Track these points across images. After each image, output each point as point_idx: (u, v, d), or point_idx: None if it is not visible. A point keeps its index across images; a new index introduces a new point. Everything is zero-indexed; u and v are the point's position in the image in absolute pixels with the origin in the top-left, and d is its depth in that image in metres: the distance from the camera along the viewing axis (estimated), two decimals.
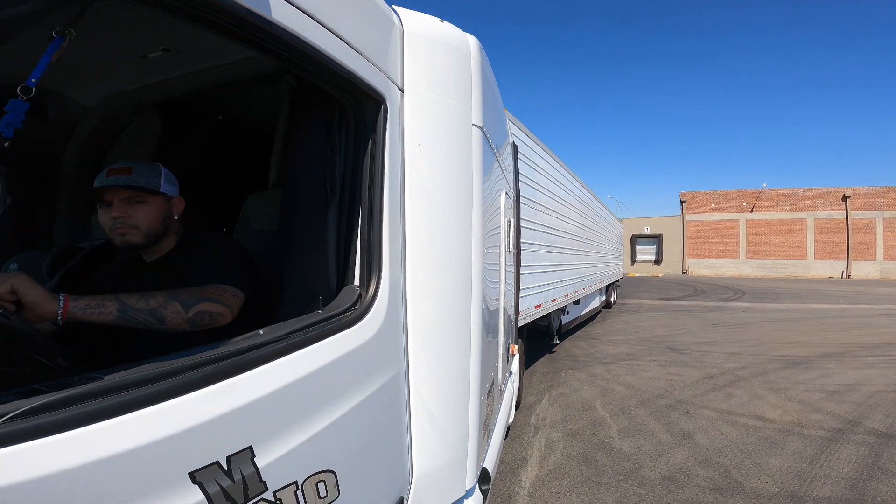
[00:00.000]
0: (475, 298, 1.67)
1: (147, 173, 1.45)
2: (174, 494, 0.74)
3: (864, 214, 31.08)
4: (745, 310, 13.09)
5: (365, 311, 1.28)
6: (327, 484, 1.05)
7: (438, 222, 1.57)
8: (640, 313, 12.06)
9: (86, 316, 1.08)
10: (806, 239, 32.10)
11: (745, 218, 33.02)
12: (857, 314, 12.10)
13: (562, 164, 7.06)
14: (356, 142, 1.39)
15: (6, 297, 0.99)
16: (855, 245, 31.07)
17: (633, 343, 8.22)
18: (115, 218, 1.40)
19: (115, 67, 1.92)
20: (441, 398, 1.56)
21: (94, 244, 2.12)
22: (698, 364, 6.68)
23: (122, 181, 1.40)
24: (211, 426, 0.81)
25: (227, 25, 0.89)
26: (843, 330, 9.50)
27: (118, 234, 1.41)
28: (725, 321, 10.72)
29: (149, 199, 1.44)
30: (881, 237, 30.97)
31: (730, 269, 32.74)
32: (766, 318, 11.27)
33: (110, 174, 1.41)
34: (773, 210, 32.60)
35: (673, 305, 14.03)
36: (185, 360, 0.85)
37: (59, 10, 0.84)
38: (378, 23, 1.38)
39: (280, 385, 0.97)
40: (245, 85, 2.07)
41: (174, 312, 1.15)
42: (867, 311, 12.84)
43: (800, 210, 32.20)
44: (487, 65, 1.87)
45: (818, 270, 31.64)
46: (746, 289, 20.51)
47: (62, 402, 0.65)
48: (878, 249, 31.04)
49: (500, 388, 2.67)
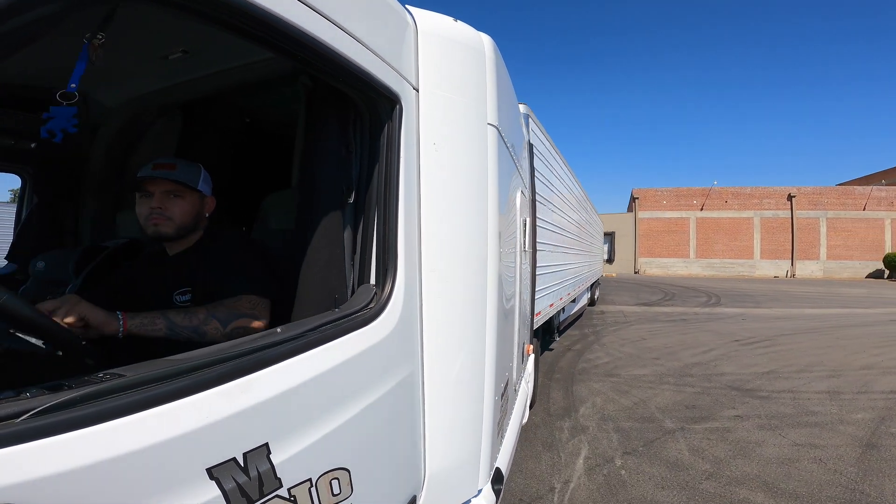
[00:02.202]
0: (490, 298, 1.67)
1: (189, 171, 1.57)
2: (192, 490, 0.75)
3: (809, 214, 31.33)
4: (746, 318, 11.64)
5: (380, 310, 1.28)
6: (341, 482, 1.05)
7: (454, 221, 1.56)
8: (632, 325, 10.29)
9: (140, 331, 1.22)
10: (753, 238, 31.98)
11: (696, 216, 32.59)
12: (869, 322, 10.95)
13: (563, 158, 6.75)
14: (372, 141, 1.39)
15: (76, 324, 1.13)
16: (799, 244, 31.36)
17: (671, 380, 5.86)
18: (154, 208, 1.51)
19: (137, 69, 1.97)
20: (455, 397, 1.56)
21: (118, 243, 2.17)
22: (818, 421, 4.46)
23: (167, 174, 1.52)
24: (228, 423, 0.82)
25: (243, 26, 0.90)
26: None
27: (152, 223, 1.51)
28: (743, 335, 9.07)
29: (186, 194, 1.55)
30: (824, 237, 31.22)
31: (680, 269, 32.34)
32: (784, 330, 9.77)
33: (156, 167, 1.53)
34: (723, 208, 32.25)
35: (659, 314, 12.36)
36: (204, 358, 0.86)
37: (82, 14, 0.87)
38: (392, 23, 1.39)
39: (296, 383, 0.98)
40: (263, 86, 2.10)
41: (213, 329, 1.28)
42: (873, 317, 11.79)
43: (747, 209, 31.97)
44: (502, 63, 1.86)
45: (764, 270, 31.64)
46: (711, 290, 19.48)
47: (86, 397, 0.67)
48: (821, 249, 31.35)
49: (515, 387, 2.66)
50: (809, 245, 31.26)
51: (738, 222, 31.95)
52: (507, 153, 2.14)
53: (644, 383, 5.76)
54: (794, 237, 31.25)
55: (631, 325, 10.16)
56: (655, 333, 9.22)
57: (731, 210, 32.06)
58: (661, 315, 12.02)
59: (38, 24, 0.65)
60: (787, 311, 13.01)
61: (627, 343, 8.22)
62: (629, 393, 5.37)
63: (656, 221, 32.83)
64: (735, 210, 31.99)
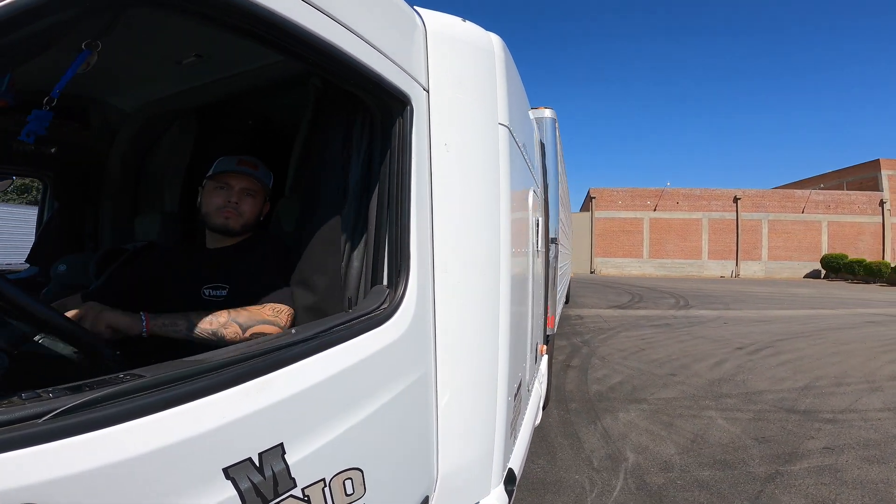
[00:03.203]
0: (503, 298, 1.66)
1: (266, 173, 1.65)
2: (208, 489, 0.76)
3: (752, 216, 32.83)
4: (726, 321, 11.51)
5: (393, 311, 1.29)
6: (354, 482, 1.06)
7: (466, 222, 1.56)
8: (619, 333, 9.65)
9: (162, 332, 1.26)
10: (701, 239, 33.31)
11: (649, 217, 33.57)
12: (846, 324, 11.06)
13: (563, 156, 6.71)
14: (383, 143, 1.40)
15: (105, 331, 1.17)
16: (743, 245, 32.76)
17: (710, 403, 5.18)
18: (230, 202, 1.56)
19: (152, 74, 2.00)
20: (468, 398, 1.55)
21: (138, 245, 2.21)
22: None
23: (252, 172, 1.59)
24: (244, 423, 0.83)
25: (252, 30, 0.91)
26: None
27: (224, 215, 1.56)
28: (741, 342, 8.66)
29: (259, 194, 1.62)
30: (766, 238, 32.81)
31: (634, 269, 33.14)
32: (775, 334, 9.53)
33: (241, 163, 1.60)
34: (674, 209, 33.40)
35: (639, 318, 11.96)
36: (221, 358, 0.87)
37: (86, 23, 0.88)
38: (401, 24, 1.39)
39: (311, 383, 0.99)
40: (276, 88, 2.12)
41: (233, 332, 1.31)
42: (844, 318, 12.05)
43: (696, 210, 33.29)
44: (512, 63, 1.85)
45: (711, 270, 32.93)
46: (672, 291, 19.39)
47: (107, 398, 0.68)
48: (763, 250, 32.89)
49: (528, 387, 2.65)
50: (752, 246, 32.79)
51: (688, 223, 33.38)
52: (519, 153, 2.13)
53: (682, 410, 4.92)
54: (739, 238, 32.72)
55: (618, 333, 9.59)
56: (651, 343, 8.65)
57: (682, 211, 33.44)
58: (641, 320, 11.59)
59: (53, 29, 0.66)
60: (760, 314, 13.03)
61: (628, 355, 7.53)
62: (674, 426, 4.43)
63: (612, 221, 33.80)
64: (686, 211, 33.40)
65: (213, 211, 1.57)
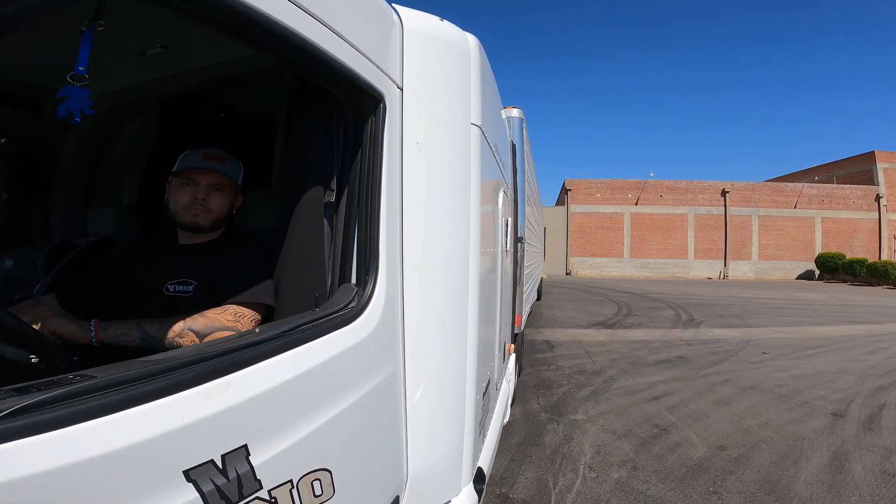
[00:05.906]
0: (472, 297, 1.67)
1: (234, 166, 1.58)
2: (169, 492, 0.73)
3: (741, 211, 29.87)
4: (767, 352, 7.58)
5: (361, 310, 1.28)
6: (322, 482, 1.05)
7: (436, 221, 1.56)
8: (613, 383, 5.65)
9: (114, 341, 1.23)
10: (687, 236, 30.17)
11: (630, 211, 30.20)
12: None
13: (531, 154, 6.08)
14: (355, 140, 1.39)
15: (52, 338, 1.14)
16: (732, 244, 29.83)
17: None
18: (198, 199, 1.50)
19: (114, 65, 1.91)
20: (437, 397, 1.56)
21: (90, 240, 2.11)
22: None
23: (218, 167, 1.53)
24: (206, 424, 0.81)
25: (225, 22, 0.89)
26: None
27: (192, 213, 1.51)
28: (824, 395, 5.28)
29: (227, 189, 1.56)
30: (756, 235, 29.93)
31: (614, 270, 30.09)
32: (866, 374, 6.17)
33: (206, 158, 1.53)
34: (657, 203, 30.06)
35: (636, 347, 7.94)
36: (180, 358, 0.85)
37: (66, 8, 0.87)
38: (378, 21, 1.38)
39: (275, 383, 0.97)
40: (245, 82, 2.07)
41: (189, 341, 1.27)
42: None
43: (681, 204, 30.10)
44: (487, 63, 1.87)
45: (697, 270, 29.96)
46: (664, 299, 16.11)
47: (56, 399, 0.65)
48: (753, 248, 30.02)
49: (497, 386, 2.67)
50: (741, 244, 29.87)
51: (672, 219, 30.10)
52: (491, 153, 2.15)
53: None
54: (728, 236, 29.69)
55: (611, 384, 5.61)
56: (672, 407, 4.81)
57: (666, 205, 30.13)
58: (640, 350, 7.61)
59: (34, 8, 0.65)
60: (796, 334, 9.35)
61: (639, 450, 3.76)
62: None
63: (589, 216, 30.40)
64: (670, 206, 30.13)
65: (180, 209, 1.51)
